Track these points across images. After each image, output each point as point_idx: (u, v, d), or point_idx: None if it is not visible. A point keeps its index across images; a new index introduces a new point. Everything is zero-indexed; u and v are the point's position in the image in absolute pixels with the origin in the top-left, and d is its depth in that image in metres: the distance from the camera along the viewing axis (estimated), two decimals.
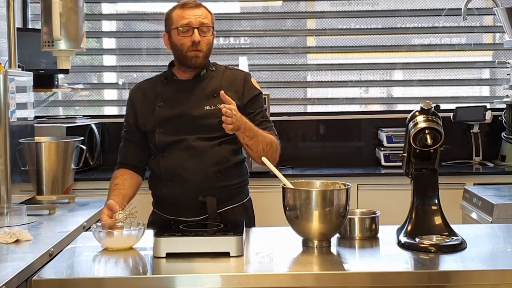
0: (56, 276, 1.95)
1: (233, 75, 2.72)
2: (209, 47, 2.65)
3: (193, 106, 2.63)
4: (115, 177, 2.68)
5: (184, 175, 2.59)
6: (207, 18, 2.64)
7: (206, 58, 2.66)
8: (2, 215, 2.71)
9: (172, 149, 2.62)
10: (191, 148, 2.59)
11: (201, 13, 2.62)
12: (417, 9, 5.00)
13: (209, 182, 2.59)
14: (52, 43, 2.93)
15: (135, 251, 2.18)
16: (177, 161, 2.60)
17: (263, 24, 5.05)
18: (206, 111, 2.62)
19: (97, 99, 5.18)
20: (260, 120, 2.67)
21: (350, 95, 5.05)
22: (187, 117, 2.62)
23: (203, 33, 2.61)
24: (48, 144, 3.21)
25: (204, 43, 2.62)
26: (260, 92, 2.74)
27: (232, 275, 1.93)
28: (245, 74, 2.75)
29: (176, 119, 2.63)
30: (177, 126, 2.62)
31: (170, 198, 2.64)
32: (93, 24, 5.12)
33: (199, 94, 2.65)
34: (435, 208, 2.24)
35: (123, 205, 2.36)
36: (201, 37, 2.61)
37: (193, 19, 2.61)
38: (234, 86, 2.68)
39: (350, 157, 4.85)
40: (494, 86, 5.08)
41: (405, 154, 2.31)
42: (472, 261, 2.05)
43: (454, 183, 4.12)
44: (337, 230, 2.22)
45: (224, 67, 2.76)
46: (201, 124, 2.61)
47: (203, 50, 2.62)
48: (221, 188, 2.61)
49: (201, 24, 2.61)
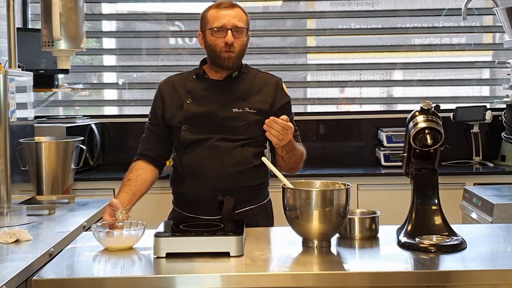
0: (56, 276, 1.95)
1: (264, 79, 2.72)
2: (243, 49, 2.64)
3: (221, 106, 2.63)
4: (131, 171, 2.67)
5: (205, 173, 2.60)
6: (242, 19, 2.62)
7: (239, 59, 2.65)
8: (2, 215, 2.71)
9: (195, 147, 2.62)
10: (214, 147, 2.59)
11: (235, 14, 2.61)
12: (417, 9, 5.00)
13: (229, 182, 2.59)
14: (52, 43, 2.93)
15: (135, 251, 2.18)
16: (199, 159, 2.61)
17: (263, 24, 5.05)
18: (233, 113, 2.62)
19: (97, 99, 5.19)
20: None
21: (350, 95, 5.06)
22: (214, 117, 2.62)
23: (237, 34, 2.60)
24: (48, 144, 3.21)
25: (238, 44, 2.61)
26: (290, 98, 2.74)
27: (232, 275, 1.93)
28: (277, 80, 2.75)
29: (202, 118, 2.63)
30: (202, 125, 2.62)
31: (190, 196, 2.64)
32: (93, 24, 5.12)
33: (229, 96, 2.65)
34: (435, 208, 2.24)
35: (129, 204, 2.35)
36: (235, 39, 2.59)
37: (227, 20, 2.59)
38: (264, 91, 2.68)
39: (350, 157, 4.85)
40: (494, 86, 5.09)
41: (405, 154, 2.31)
42: (472, 261, 2.05)
43: (454, 183, 4.12)
44: (337, 230, 2.22)
45: (256, 70, 2.76)
46: (226, 125, 2.61)
47: (236, 52, 2.61)
48: (241, 189, 2.61)
49: (234, 25, 2.60)
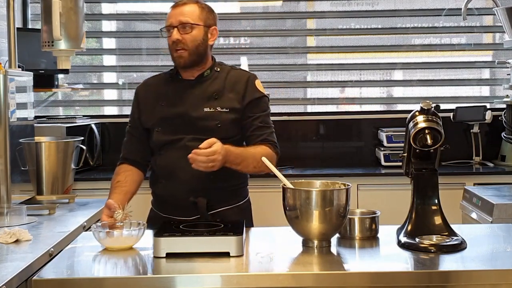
0: (56, 276, 1.95)
1: (237, 76, 2.67)
2: (196, 44, 2.58)
3: (192, 106, 2.61)
4: (117, 174, 2.68)
5: (178, 174, 2.58)
6: (191, 14, 2.58)
7: (195, 55, 2.60)
8: (2, 215, 2.70)
9: (169, 148, 2.62)
10: (187, 148, 2.53)
11: (183, 11, 2.58)
12: (417, 9, 5.00)
13: (202, 182, 2.54)
14: (52, 43, 2.93)
15: (135, 251, 2.18)
16: (172, 160, 2.59)
17: (263, 24, 5.05)
18: (205, 113, 2.59)
19: (97, 99, 5.18)
20: (257, 126, 2.62)
21: (350, 95, 5.06)
22: (186, 117, 2.60)
23: (184, 30, 2.56)
24: (48, 144, 3.21)
25: (189, 40, 2.57)
26: (263, 95, 2.67)
27: (232, 275, 1.93)
28: (249, 76, 2.69)
29: (175, 119, 2.62)
30: (175, 126, 2.61)
31: (165, 197, 2.65)
32: (93, 24, 5.12)
33: (200, 95, 2.63)
34: (435, 208, 2.24)
35: (123, 205, 2.36)
36: (183, 35, 2.56)
37: (174, 18, 2.58)
38: (236, 88, 2.64)
39: (350, 157, 4.85)
40: (494, 86, 5.08)
41: (405, 154, 2.31)
42: (472, 261, 2.05)
43: (454, 183, 4.12)
44: (337, 230, 2.22)
45: (230, 67, 2.72)
46: (198, 125, 2.59)
47: (189, 48, 2.57)
48: (215, 189, 2.58)
49: (180, 22, 2.56)
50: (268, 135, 2.63)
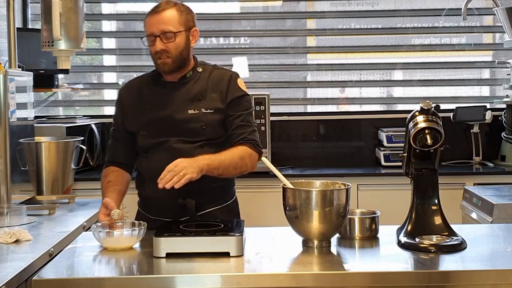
0: (56, 276, 1.95)
1: (219, 76, 2.64)
2: (180, 51, 2.56)
3: (177, 109, 2.58)
4: (106, 175, 2.66)
5: None
6: (171, 22, 2.54)
7: (179, 61, 2.58)
8: (2, 215, 2.71)
9: (154, 151, 2.60)
10: (173, 149, 2.53)
11: (162, 18, 2.53)
12: (417, 9, 5.00)
13: (189, 184, 2.46)
14: (52, 43, 2.93)
15: (135, 251, 2.18)
16: (158, 162, 2.53)
17: (263, 24, 5.04)
18: (189, 115, 2.57)
19: (97, 99, 5.18)
20: (238, 124, 2.59)
21: (350, 95, 5.06)
22: (170, 120, 2.57)
23: (167, 39, 2.53)
24: (48, 144, 3.21)
25: (172, 48, 2.54)
26: (245, 94, 2.64)
27: (232, 275, 1.93)
28: (231, 74, 2.66)
29: (159, 122, 2.59)
30: (160, 129, 2.59)
31: (152, 199, 2.62)
32: (93, 24, 5.12)
33: (184, 97, 2.60)
34: (435, 208, 2.24)
35: (118, 204, 2.35)
36: (166, 44, 2.53)
37: (154, 27, 2.53)
38: (220, 87, 2.61)
39: (350, 157, 4.85)
40: (494, 86, 5.08)
41: (405, 154, 2.31)
42: (472, 261, 2.05)
43: (454, 183, 4.12)
44: (337, 230, 2.22)
45: (212, 67, 2.69)
46: (183, 127, 2.57)
47: (173, 55, 2.54)
48: (202, 190, 2.55)
49: (162, 31, 2.53)
50: (248, 133, 2.60)
